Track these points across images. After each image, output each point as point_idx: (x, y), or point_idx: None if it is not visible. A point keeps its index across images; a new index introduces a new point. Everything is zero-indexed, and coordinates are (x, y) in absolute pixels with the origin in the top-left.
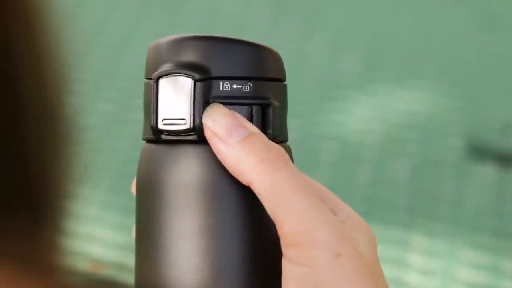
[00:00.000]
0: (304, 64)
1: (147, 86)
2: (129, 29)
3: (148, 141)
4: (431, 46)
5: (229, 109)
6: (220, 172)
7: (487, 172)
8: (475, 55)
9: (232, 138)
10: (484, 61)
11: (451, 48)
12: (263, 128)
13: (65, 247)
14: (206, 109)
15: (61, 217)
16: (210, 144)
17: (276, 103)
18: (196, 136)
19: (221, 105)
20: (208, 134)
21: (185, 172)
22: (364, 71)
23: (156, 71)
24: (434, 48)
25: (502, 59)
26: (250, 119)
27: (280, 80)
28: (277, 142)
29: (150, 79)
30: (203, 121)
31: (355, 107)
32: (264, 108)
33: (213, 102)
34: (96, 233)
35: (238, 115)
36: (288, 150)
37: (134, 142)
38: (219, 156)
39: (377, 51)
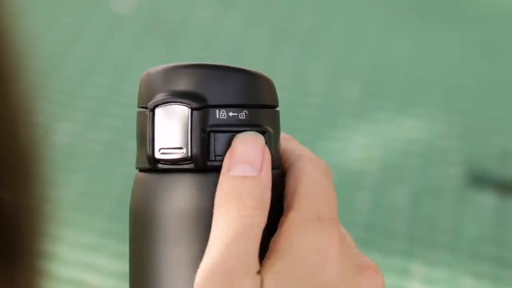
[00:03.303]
0: (303, 91)
1: (141, 115)
2: (129, 57)
3: (142, 170)
4: (430, 73)
5: (229, 137)
6: None
7: (486, 200)
8: (474, 82)
9: (232, 170)
10: (483, 88)
11: (450, 75)
12: None
13: None
14: (244, 133)
15: (37, 258)
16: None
17: (270, 130)
18: (193, 164)
19: (257, 136)
20: (228, 153)
21: (182, 201)
22: (363, 99)
23: (150, 100)
24: (433, 75)
25: (501, 86)
26: None
27: (273, 106)
28: (272, 169)
29: (145, 108)
30: (235, 138)
31: (354, 134)
32: None
33: (209, 130)
34: (95, 261)
35: (263, 153)
36: (282, 177)
37: (133, 169)
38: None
39: (376, 78)
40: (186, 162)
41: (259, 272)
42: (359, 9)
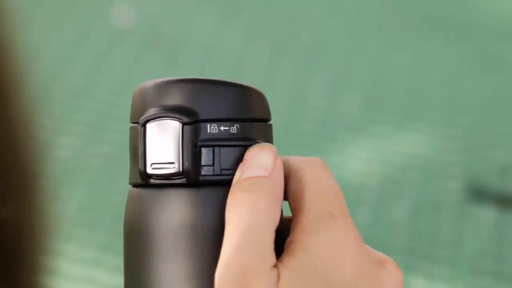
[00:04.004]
0: (303, 105)
1: (133, 130)
2: (129, 71)
3: (135, 185)
4: (430, 87)
5: (217, 150)
6: (210, 215)
7: (486, 214)
8: (474, 97)
9: (243, 175)
10: (483, 102)
11: (450, 89)
12: None
13: None
14: (257, 144)
15: (37, 272)
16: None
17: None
18: (185, 179)
19: (269, 145)
20: (241, 163)
21: (174, 216)
22: (363, 113)
23: (142, 115)
24: (433, 89)
25: (501, 100)
26: (239, 160)
27: (265, 120)
28: None
29: (137, 123)
30: (248, 150)
31: (354, 148)
32: None
33: (201, 145)
34: (95, 276)
35: (275, 159)
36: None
37: None
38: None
39: (376, 92)
40: (178, 177)
41: (275, 267)
42: (359, 23)
